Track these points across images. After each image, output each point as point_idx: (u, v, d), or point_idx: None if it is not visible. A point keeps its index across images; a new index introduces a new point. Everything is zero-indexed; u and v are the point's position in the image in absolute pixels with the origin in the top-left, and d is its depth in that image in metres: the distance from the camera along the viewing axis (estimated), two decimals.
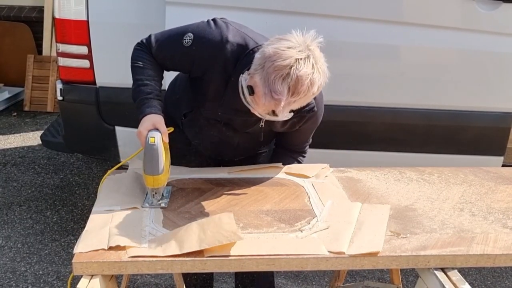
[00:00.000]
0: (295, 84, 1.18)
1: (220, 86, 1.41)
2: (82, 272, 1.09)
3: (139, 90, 1.38)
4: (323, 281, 2.31)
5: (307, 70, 1.18)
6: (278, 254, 1.14)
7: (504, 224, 1.33)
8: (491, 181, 1.61)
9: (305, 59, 1.19)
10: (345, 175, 1.61)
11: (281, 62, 1.17)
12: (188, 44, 1.38)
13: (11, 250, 2.44)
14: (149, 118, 1.32)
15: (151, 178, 1.28)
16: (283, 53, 1.18)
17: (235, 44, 1.36)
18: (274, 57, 1.19)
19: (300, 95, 1.20)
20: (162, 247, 1.13)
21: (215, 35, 1.37)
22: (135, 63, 1.42)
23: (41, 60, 4.50)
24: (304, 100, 1.24)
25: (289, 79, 1.17)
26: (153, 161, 1.26)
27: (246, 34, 1.39)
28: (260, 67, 1.22)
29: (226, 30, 1.37)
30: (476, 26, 2.12)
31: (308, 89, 1.20)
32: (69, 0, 2.24)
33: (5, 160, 3.45)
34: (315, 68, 1.20)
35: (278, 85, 1.17)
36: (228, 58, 1.36)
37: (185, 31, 1.40)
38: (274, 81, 1.18)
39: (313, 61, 1.20)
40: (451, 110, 2.25)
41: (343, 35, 2.11)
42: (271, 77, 1.18)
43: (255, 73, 1.23)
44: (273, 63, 1.18)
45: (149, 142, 1.26)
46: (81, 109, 2.43)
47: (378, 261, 1.17)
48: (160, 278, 2.27)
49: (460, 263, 1.19)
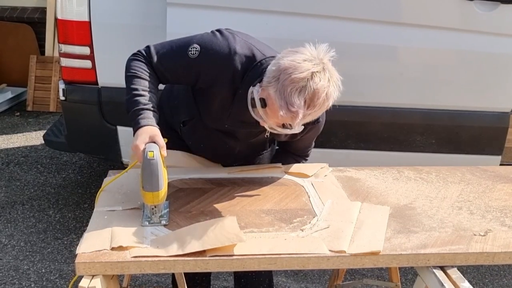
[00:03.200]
0: (311, 97, 1.18)
1: (227, 98, 1.39)
2: (85, 272, 1.10)
3: (134, 101, 1.30)
4: (323, 279, 2.33)
5: (324, 83, 1.18)
6: (280, 254, 1.15)
7: (502, 222, 1.34)
8: (489, 180, 1.62)
9: (320, 72, 1.19)
10: (344, 175, 1.62)
11: (297, 75, 1.17)
12: (194, 56, 1.34)
13: (14, 248, 2.46)
14: (145, 130, 1.25)
15: (151, 195, 1.20)
16: (299, 66, 1.18)
17: (243, 56, 1.34)
18: (290, 70, 1.18)
19: (316, 108, 1.20)
20: (164, 247, 1.14)
21: (223, 46, 1.34)
22: (131, 73, 1.36)
23: (44, 60, 4.51)
24: (318, 113, 1.24)
25: (305, 92, 1.17)
26: (152, 177, 1.19)
27: (254, 46, 1.37)
28: (274, 79, 1.20)
29: (234, 42, 1.35)
30: (474, 27, 2.13)
31: (323, 102, 1.20)
32: (71, 1, 2.26)
33: (8, 159, 3.47)
34: (331, 82, 1.20)
35: (295, 98, 1.17)
36: (237, 70, 1.34)
37: (190, 42, 1.36)
38: (290, 93, 1.17)
39: (328, 75, 1.20)
40: (449, 110, 2.27)
41: (342, 36, 2.11)
42: (287, 89, 1.17)
43: (268, 86, 1.22)
44: (290, 75, 1.17)
45: (148, 157, 1.18)
46: (83, 109, 2.45)
47: (378, 260, 1.18)
48: (162, 276, 2.29)
49: (460, 261, 1.20)
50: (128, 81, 1.35)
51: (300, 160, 1.66)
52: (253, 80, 1.31)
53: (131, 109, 1.30)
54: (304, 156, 1.66)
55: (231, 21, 2.09)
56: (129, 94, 1.33)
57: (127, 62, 1.40)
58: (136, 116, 1.28)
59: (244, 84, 1.34)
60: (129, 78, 1.35)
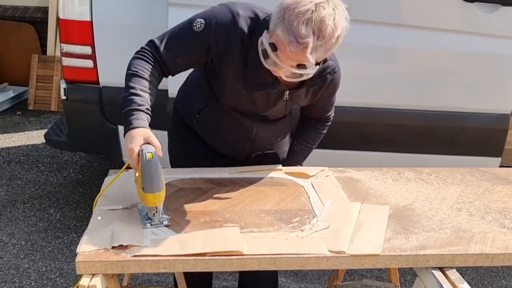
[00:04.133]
0: (319, 26, 1.18)
1: (240, 64, 1.38)
2: (85, 271, 1.10)
3: (130, 99, 1.29)
4: (323, 280, 2.33)
5: (329, 11, 1.19)
6: (279, 254, 1.15)
7: (501, 224, 1.35)
8: (488, 182, 1.62)
9: (324, 2, 1.19)
10: (344, 175, 1.62)
11: (301, 8, 1.17)
12: (200, 29, 1.34)
13: (14, 247, 2.47)
14: (138, 132, 1.24)
15: (152, 196, 1.19)
16: (302, 0, 1.19)
17: (247, 17, 1.35)
18: (293, 5, 1.19)
19: (326, 38, 1.19)
20: (164, 247, 1.15)
21: (226, 13, 1.35)
22: (132, 71, 1.35)
23: (46, 60, 4.53)
24: (329, 44, 1.22)
25: (312, 23, 1.17)
26: (153, 177, 1.18)
27: (255, 7, 1.39)
28: (280, 20, 1.21)
29: (235, 7, 1.36)
30: (475, 29, 2.14)
31: (332, 31, 1.19)
32: (73, 1, 2.27)
33: (10, 158, 3.48)
34: (336, 11, 1.21)
35: (303, 29, 1.17)
36: (244, 33, 1.35)
37: (192, 19, 1.37)
38: (297, 26, 1.17)
39: (332, 5, 1.21)
40: (449, 112, 2.27)
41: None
42: (293, 24, 1.17)
43: (275, 28, 1.22)
44: (294, 10, 1.18)
45: (147, 158, 1.17)
46: (84, 109, 2.46)
47: (378, 260, 1.18)
48: (162, 276, 2.29)
49: (459, 262, 1.20)
50: (128, 78, 1.34)
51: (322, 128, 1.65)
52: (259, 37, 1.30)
53: (126, 107, 1.29)
54: (326, 120, 1.65)
55: None
56: (126, 92, 1.32)
57: (130, 60, 1.39)
58: (129, 116, 1.27)
59: (253, 44, 1.34)
60: (129, 76, 1.35)
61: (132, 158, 1.21)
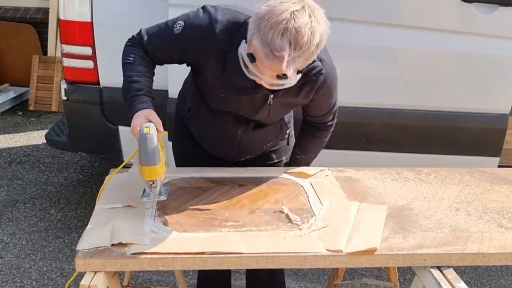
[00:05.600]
0: (295, 37, 1.13)
1: (218, 69, 1.38)
2: (84, 268, 1.11)
3: (129, 88, 1.34)
4: (322, 279, 2.34)
5: (305, 19, 1.14)
6: (277, 252, 1.16)
7: (499, 224, 1.35)
8: (487, 182, 1.63)
9: (299, 10, 1.15)
10: (343, 175, 1.63)
11: (276, 18, 1.13)
12: (178, 32, 1.36)
13: (15, 247, 2.48)
14: (140, 113, 1.30)
15: (148, 169, 1.21)
16: (276, 9, 1.14)
17: (225, 21, 1.33)
18: (267, 15, 1.14)
19: (303, 48, 1.15)
20: (163, 245, 1.15)
21: (204, 19, 1.35)
22: (125, 59, 1.40)
23: (46, 60, 4.54)
24: (308, 53, 1.18)
25: (288, 33, 1.13)
26: (148, 150, 1.20)
27: (236, 11, 1.36)
28: (256, 30, 1.17)
29: (215, 12, 1.36)
30: (473, 29, 2.14)
31: (309, 40, 1.15)
32: (74, 2, 2.28)
33: (11, 158, 3.49)
34: (313, 17, 1.16)
35: (278, 41, 1.13)
36: (221, 38, 1.33)
37: (176, 20, 1.40)
38: (273, 38, 1.13)
39: (309, 11, 1.16)
40: (448, 112, 2.28)
41: (342, 37, 2.12)
42: (269, 35, 1.13)
43: (252, 38, 1.19)
44: (268, 21, 1.14)
45: (144, 132, 1.21)
46: (85, 109, 2.47)
47: (375, 259, 1.19)
48: (162, 275, 2.30)
49: (456, 261, 1.21)
50: (124, 69, 1.40)
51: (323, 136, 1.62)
52: (239, 42, 1.28)
53: (127, 96, 1.35)
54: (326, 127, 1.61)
55: None
56: (125, 81, 1.37)
57: (123, 49, 1.43)
58: (132, 102, 1.33)
59: (232, 49, 1.32)
60: (124, 66, 1.40)
61: (135, 134, 1.26)
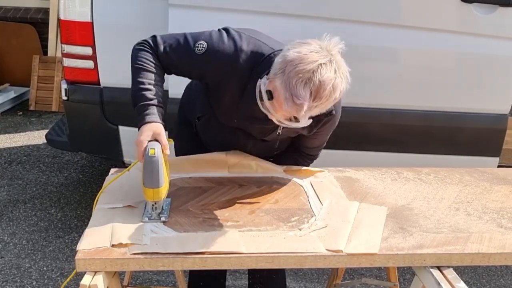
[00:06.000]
0: (317, 89, 1.16)
1: (236, 95, 1.39)
2: (85, 268, 1.11)
3: (141, 95, 1.32)
4: (322, 279, 2.34)
5: (330, 75, 1.17)
6: (277, 252, 1.16)
7: (498, 224, 1.35)
8: (486, 182, 1.63)
9: (327, 63, 1.17)
10: (343, 175, 1.63)
11: (303, 66, 1.15)
12: (200, 52, 1.34)
13: (16, 246, 2.48)
14: (149, 127, 1.27)
15: (151, 192, 1.22)
16: (305, 57, 1.17)
17: (249, 52, 1.34)
18: (296, 61, 1.17)
19: (322, 100, 1.18)
20: (163, 245, 1.16)
21: (229, 45, 1.34)
22: (138, 64, 1.36)
23: (46, 60, 4.54)
24: (325, 105, 1.22)
25: (311, 84, 1.15)
26: (153, 173, 1.21)
27: (260, 41, 1.37)
28: (280, 71, 1.19)
29: (240, 40, 1.35)
30: (473, 30, 2.14)
31: (330, 94, 1.18)
32: (74, 2, 2.28)
33: (11, 158, 3.50)
34: (338, 73, 1.19)
35: (300, 90, 1.15)
36: (243, 68, 1.34)
37: (197, 38, 1.37)
38: (296, 85, 1.15)
39: (335, 66, 1.19)
40: (448, 112, 2.28)
41: (342, 37, 2.12)
42: (292, 81, 1.16)
43: (275, 78, 1.20)
44: (295, 67, 1.16)
45: (149, 154, 1.20)
46: (85, 109, 2.47)
47: (375, 259, 1.19)
48: (162, 275, 2.30)
49: (456, 261, 1.21)
50: (135, 73, 1.36)
51: (305, 162, 1.65)
52: (261, 74, 1.29)
53: (137, 103, 1.32)
54: (312, 157, 1.65)
55: (232, 22, 2.10)
56: (136, 87, 1.34)
57: (133, 51, 1.40)
58: (142, 112, 1.30)
59: (252, 79, 1.33)
60: (136, 70, 1.36)
61: (139, 151, 1.24)
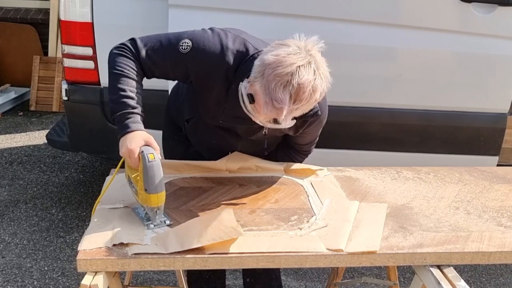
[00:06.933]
0: (296, 91, 1.15)
1: (221, 94, 1.37)
2: (86, 269, 1.12)
3: (123, 102, 1.27)
4: (322, 278, 2.34)
5: (309, 77, 1.16)
6: (278, 252, 1.17)
7: (498, 223, 1.36)
8: (486, 181, 1.63)
9: (306, 65, 1.16)
10: (343, 174, 1.64)
11: (281, 70, 1.15)
12: (186, 51, 1.31)
13: (17, 246, 2.49)
14: (138, 134, 1.24)
15: (155, 197, 1.20)
16: (283, 60, 1.16)
17: (235, 50, 1.32)
18: (274, 65, 1.16)
19: (303, 102, 1.18)
20: (164, 244, 1.16)
21: (215, 42, 1.32)
22: (118, 70, 1.30)
23: (47, 61, 4.55)
24: (306, 107, 1.22)
25: (290, 87, 1.15)
26: (155, 178, 1.19)
27: (246, 40, 1.35)
28: (260, 74, 1.19)
29: (225, 37, 1.33)
30: (472, 29, 2.15)
31: (310, 96, 1.17)
32: (74, 3, 2.28)
33: (12, 158, 3.50)
34: (317, 74, 1.18)
35: (280, 93, 1.15)
36: (230, 66, 1.32)
37: (180, 37, 1.33)
38: (275, 89, 1.15)
39: (314, 67, 1.17)
40: (447, 111, 2.28)
41: (342, 37, 2.13)
42: (271, 85, 1.15)
43: (255, 81, 1.20)
44: (274, 70, 1.15)
45: (149, 159, 1.18)
46: (85, 109, 2.47)
47: (375, 259, 1.20)
48: (163, 274, 2.31)
49: (456, 260, 1.21)
50: (115, 79, 1.30)
51: (299, 157, 1.65)
52: (244, 74, 1.28)
53: (119, 110, 1.27)
54: (305, 152, 1.64)
55: (232, 22, 2.10)
56: (116, 94, 1.28)
57: (111, 56, 1.34)
58: (126, 119, 1.26)
59: (236, 78, 1.32)
60: (115, 76, 1.30)
61: (134, 159, 1.22)
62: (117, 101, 1.28)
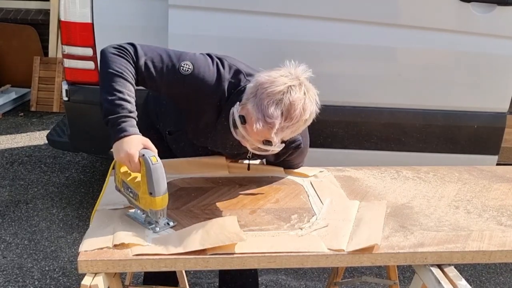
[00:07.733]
0: (288, 108, 1.20)
1: (211, 120, 1.42)
2: (87, 270, 1.11)
3: (120, 105, 1.25)
4: (322, 277, 2.35)
5: (300, 95, 1.22)
6: (279, 252, 1.17)
7: (498, 221, 1.36)
8: (485, 180, 1.64)
9: (296, 86, 1.23)
10: (343, 174, 1.64)
11: (274, 88, 1.21)
12: (186, 73, 1.34)
13: (18, 246, 2.49)
14: (135, 138, 1.23)
15: (160, 199, 1.20)
16: (275, 80, 1.22)
17: (229, 80, 1.37)
18: (266, 84, 1.22)
19: (293, 121, 1.22)
20: (165, 245, 1.16)
21: (214, 72, 1.37)
22: (116, 71, 1.28)
23: (47, 61, 4.55)
24: (296, 127, 1.25)
25: (282, 104, 1.20)
26: (160, 180, 1.19)
27: (241, 71, 1.39)
28: (252, 95, 1.24)
29: (223, 68, 1.38)
30: (471, 29, 2.15)
31: (300, 114, 1.22)
32: (75, 3, 2.28)
33: (12, 159, 3.51)
34: (307, 95, 1.24)
35: (272, 110, 1.19)
36: (222, 95, 1.37)
37: (182, 57, 1.36)
38: (267, 106, 1.20)
39: (304, 89, 1.24)
40: (447, 110, 2.29)
41: (341, 37, 2.14)
42: (264, 102, 1.20)
43: (247, 102, 1.25)
44: (266, 89, 1.21)
45: (152, 162, 1.18)
46: (86, 109, 2.48)
47: (376, 258, 1.20)
48: None
49: (457, 259, 1.22)
50: (112, 79, 1.27)
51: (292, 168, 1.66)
52: (234, 102, 1.31)
53: (116, 113, 1.24)
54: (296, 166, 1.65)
55: (231, 23, 2.12)
56: (113, 95, 1.26)
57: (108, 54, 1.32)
58: (122, 122, 1.24)
59: (227, 107, 1.36)
60: (113, 76, 1.28)
61: (134, 163, 1.20)
62: (113, 103, 1.25)
